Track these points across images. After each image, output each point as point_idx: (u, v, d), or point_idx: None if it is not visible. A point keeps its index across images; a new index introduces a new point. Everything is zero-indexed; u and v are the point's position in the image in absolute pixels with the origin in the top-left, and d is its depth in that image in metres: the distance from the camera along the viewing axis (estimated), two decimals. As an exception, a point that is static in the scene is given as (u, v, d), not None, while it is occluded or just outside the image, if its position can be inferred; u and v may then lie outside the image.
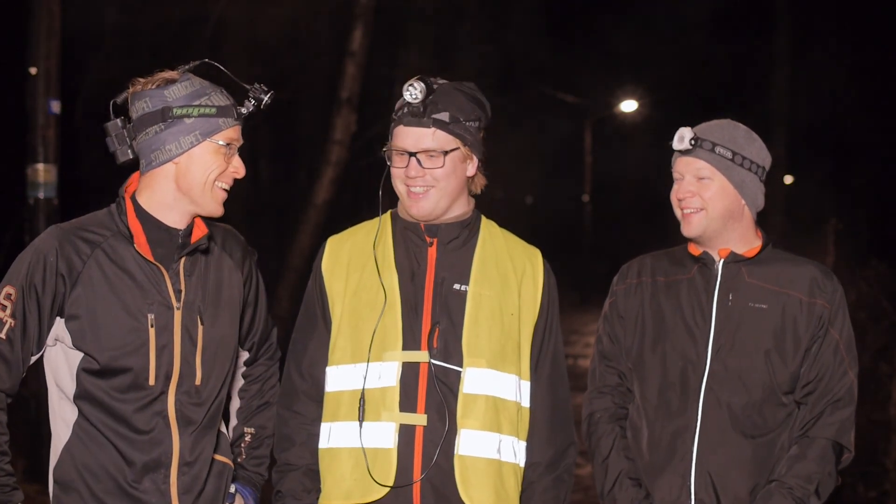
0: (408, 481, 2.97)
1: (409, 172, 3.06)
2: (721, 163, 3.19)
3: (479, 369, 3.03)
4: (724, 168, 3.19)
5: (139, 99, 2.88)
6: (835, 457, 3.20)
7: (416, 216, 3.10)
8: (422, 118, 3.04)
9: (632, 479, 3.28)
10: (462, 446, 3.00)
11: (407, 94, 3.03)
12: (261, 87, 2.96)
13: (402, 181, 3.08)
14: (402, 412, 2.99)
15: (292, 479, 3.10)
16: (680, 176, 3.26)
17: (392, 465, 2.98)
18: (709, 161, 3.19)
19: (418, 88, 3.02)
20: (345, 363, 3.07)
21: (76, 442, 2.88)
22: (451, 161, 3.07)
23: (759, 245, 3.31)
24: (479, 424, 3.01)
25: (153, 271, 2.90)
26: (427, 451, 2.99)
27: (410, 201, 3.08)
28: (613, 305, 3.41)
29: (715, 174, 3.20)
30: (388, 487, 2.97)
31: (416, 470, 2.98)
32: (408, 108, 3.05)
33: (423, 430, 2.99)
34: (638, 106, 26.03)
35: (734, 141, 3.21)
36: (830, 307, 3.23)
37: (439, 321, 3.04)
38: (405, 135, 3.07)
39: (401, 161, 3.07)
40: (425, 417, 2.99)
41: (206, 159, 2.88)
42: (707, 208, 3.21)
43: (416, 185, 3.06)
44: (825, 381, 3.21)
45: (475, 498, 2.99)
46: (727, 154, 3.19)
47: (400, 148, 3.07)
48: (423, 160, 3.05)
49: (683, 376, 3.23)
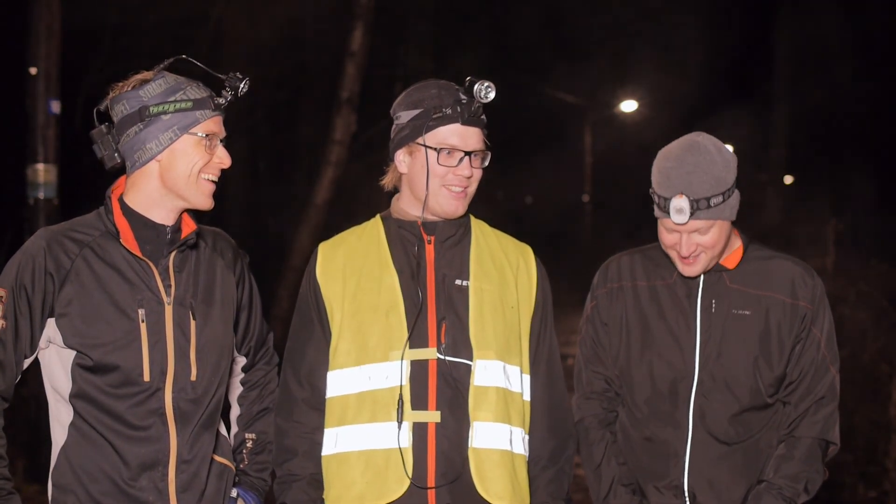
0: (423, 479, 2.98)
1: (463, 171, 3.06)
2: (717, 212, 3.12)
3: (488, 361, 3.04)
4: (719, 213, 3.13)
5: (117, 102, 2.90)
6: (821, 453, 3.23)
7: (454, 215, 3.10)
8: (478, 118, 3.07)
9: (625, 486, 3.30)
10: (476, 439, 3.01)
11: (482, 94, 3.03)
12: (235, 75, 2.96)
13: (443, 179, 3.06)
14: (413, 410, 2.99)
15: (297, 489, 3.08)
16: (676, 233, 3.17)
17: (408, 464, 2.98)
18: (708, 217, 3.12)
19: (494, 90, 3.04)
20: (349, 366, 3.06)
21: (72, 444, 2.88)
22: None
23: (739, 245, 3.29)
24: (492, 416, 3.03)
25: (142, 267, 2.90)
26: (441, 447, 2.99)
27: (450, 199, 3.07)
28: (595, 310, 3.40)
29: (714, 223, 3.15)
30: (406, 487, 2.97)
31: (430, 467, 2.99)
32: (465, 107, 3.04)
33: (436, 426, 3.00)
34: (638, 106, 26.03)
35: (719, 180, 3.10)
36: (812, 307, 3.24)
37: (445, 317, 3.05)
38: (465, 134, 3.06)
39: (450, 160, 3.06)
40: (438, 414, 3.00)
41: (187, 153, 2.89)
42: (707, 250, 3.18)
43: (462, 184, 3.07)
44: (808, 379, 3.23)
45: (492, 490, 3.00)
46: (719, 200, 3.10)
47: (458, 147, 3.05)
48: (472, 160, 3.06)
49: (672, 386, 3.25)
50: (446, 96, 3.06)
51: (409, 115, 3.09)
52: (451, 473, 2.98)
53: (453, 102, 3.05)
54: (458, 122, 3.05)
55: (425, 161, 3.06)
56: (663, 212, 3.13)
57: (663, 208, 3.12)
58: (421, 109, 3.06)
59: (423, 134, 3.05)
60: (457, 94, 3.06)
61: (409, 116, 3.09)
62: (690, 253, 3.17)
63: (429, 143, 3.05)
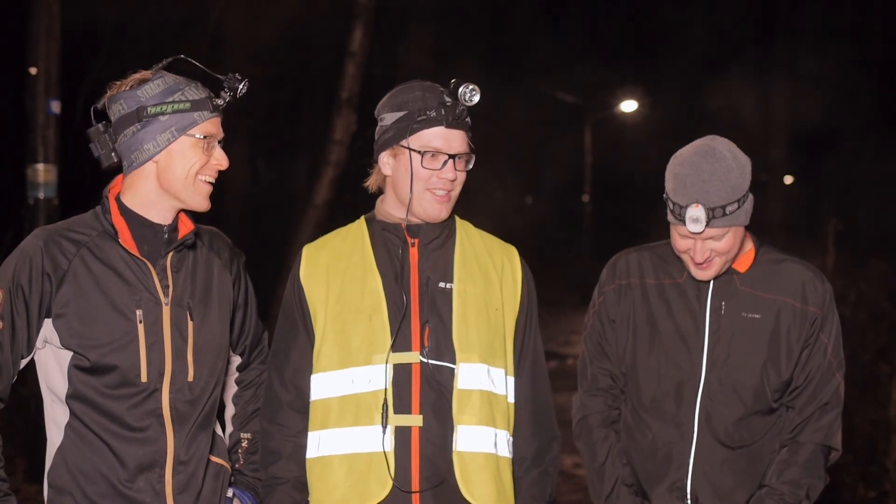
0: (406, 483, 2.97)
1: (447, 174, 3.04)
2: (732, 219, 3.09)
3: (472, 364, 3.03)
4: (734, 220, 3.09)
5: (115, 102, 2.88)
6: (823, 459, 3.22)
7: (437, 219, 3.08)
8: (462, 121, 3.05)
9: (628, 486, 3.29)
10: (460, 443, 3.00)
11: (466, 97, 3.02)
12: (234, 76, 2.95)
13: (427, 182, 3.05)
14: (396, 414, 2.99)
15: (281, 492, 3.08)
16: (690, 239, 3.13)
17: (391, 468, 2.97)
18: (723, 224, 3.08)
19: (478, 93, 3.02)
20: (332, 369, 3.05)
21: (68, 444, 2.87)
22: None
23: (750, 248, 3.27)
24: (476, 420, 3.01)
25: (139, 267, 2.90)
26: (424, 451, 2.98)
27: (434, 203, 3.06)
28: (603, 306, 3.38)
29: (728, 229, 3.12)
30: (388, 490, 2.96)
31: (413, 471, 2.98)
32: (449, 110, 3.03)
33: (420, 430, 2.99)
34: (638, 106, 26.01)
35: (735, 187, 3.06)
36: (821, 312, 3.22)
37: (428, 320, 3.04)
38: (449, 137, 3.04)
39: (434, 163, 3.04)
40: (421, 418, 2.99)
41: (185, 154, 2.88)
42: (721, 255, 3.15)
43: (446, 187, 3.06)
44: (813, 385, 3.21)
45: (476, 494, 2.99)
46: (734, 207, 3.07)
47: (442, 150, 3.04)
48: (456, 163, 3.05)
49: (679, 387, 3.23)
50: (430, 98, 3.04)
51: (393, 116, 3.07)
52: (435, 477, 2.98)
53: (437, 105, 3.03)
54: (443, 124, 3.03)
55: (409, 164, 3.04)
56: (678, 219, 3.10)
57: (678, 216, 3.09)
58: (405, 112, 3.05)
59: (406, 136, 3.03)
60: (441, 96, 3.05)
61: (393, 118, 3.07)
62: (704, 259, 3.14)
63: (412, 145, 3.03)
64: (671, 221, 3.15)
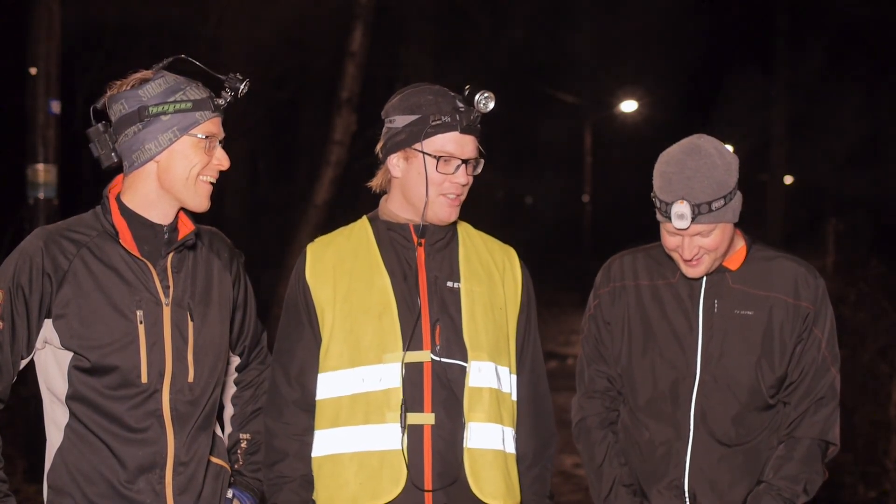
0: (420, 481, 2.98)
1: (459, 179, 3.06)
2: (719, 215, 3.11)
3: (482, 362, 3.06)
4: (720, 217, 3.12)
5: (116, 101, 2.88)
6: (821, 453, 3.23)
7: (447, 222, 3.10)
8: (474, 126, 3.07)
9: (626, 486, 3.31)
10: (470, 439, 3.02)
11: (482, 104, 3.03)
12: (235, 76, 2.95)
13: (441, 187, 3.06)
14: (409, 412, 3.00)
15: (288, 490, 3.08)
16: (678, 236, 3.16)
17: (403, 465, 2.98)
18: (709, 221, 3.11)
19: (493, 100, 3.03)
20: (341, 368, 3.06)
21: (68, 445, 2.86)
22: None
23: (742, 246, 3.29)
24: (486, 417, 3.04)
25: (140, 267, 2.89)
26: (437, 448, 3.00)
27: (445, 206, 3.08)
28: (598, 309, 3.40)
29: (716, 226, 3.14)
30: (402, 488, 2.97)
31: (426, 469, 2.99)
32: (464, 115, 3.04)
33: (432, 428, 3.00)
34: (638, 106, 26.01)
35: (720, 184, 3.08)
36: (814, 308, 3.23)
37: (439, 319, 3.05)
38: (463, 142, 3.05)
39: (447, 167, 3.05)
40: (433, 416, 3.00)
41: (186, 154, 2.87)
42: (710, 252, 3.17)
43: (457, 191, 3.07)
44: (808, 380, 3.22)
45: (486, 490, 3.02)
46: (720, 204, 3.09)
47: (455, 155, 3.05)
48: (468, 168, 3.07)
49: (674, 386, 3.24)
50: (444, 103, 3.05)
51: (405, 119, 3.07)
52: (447, 475, 2.99)
53: (451, 110, 3.04)
54: (457, 130, 3.04)
55: (422, 168, 3.05)
56: (665, 216, 3.13)
57: (665, 213, 3.12)
58: (418, 115, 3.05)
59: (421, 140, 3.04)
60: (454, 101, 3.06)
61: (405, 121, 3.07)
62: (693, 256, 3.16)
63: (426, 149, 3.04)
64: (659, 219, 3.18)
